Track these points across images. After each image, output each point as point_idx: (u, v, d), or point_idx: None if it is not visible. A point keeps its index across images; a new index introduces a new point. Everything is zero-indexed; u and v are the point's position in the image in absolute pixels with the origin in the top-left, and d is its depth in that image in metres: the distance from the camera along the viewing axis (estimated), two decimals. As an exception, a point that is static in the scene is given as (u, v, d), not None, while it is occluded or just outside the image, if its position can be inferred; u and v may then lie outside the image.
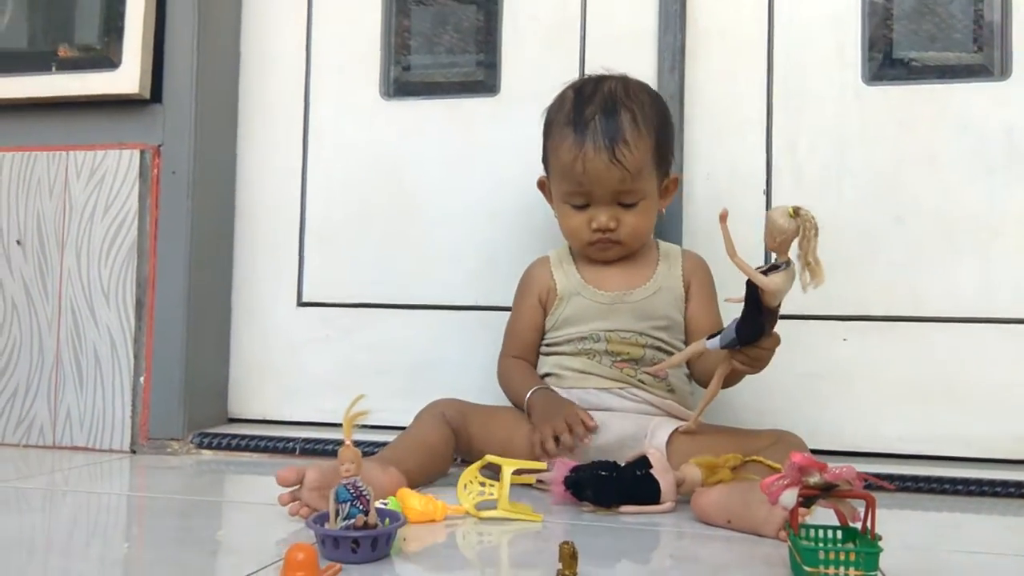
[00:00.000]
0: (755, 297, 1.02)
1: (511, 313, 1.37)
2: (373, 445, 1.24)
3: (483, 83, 1.56)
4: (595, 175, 1.24)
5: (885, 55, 1.43)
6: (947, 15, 1.41)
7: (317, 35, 1.61)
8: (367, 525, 0.85)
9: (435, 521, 1.01)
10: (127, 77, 1.48)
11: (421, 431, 1.22)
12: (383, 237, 1.56)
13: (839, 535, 0.84)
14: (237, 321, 1.62)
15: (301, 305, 1.60)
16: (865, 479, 0.82)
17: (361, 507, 0.86)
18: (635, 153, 1.23)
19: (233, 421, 1.60)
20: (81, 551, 0.93)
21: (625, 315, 1.28)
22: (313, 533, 0.86)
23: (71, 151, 1.52)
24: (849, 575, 0.77)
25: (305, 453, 1.44)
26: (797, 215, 0.97)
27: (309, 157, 1.60)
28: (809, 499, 0.82)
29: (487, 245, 1.52)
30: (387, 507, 0.95)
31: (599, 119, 1.24)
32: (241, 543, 0.96)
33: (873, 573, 0.78)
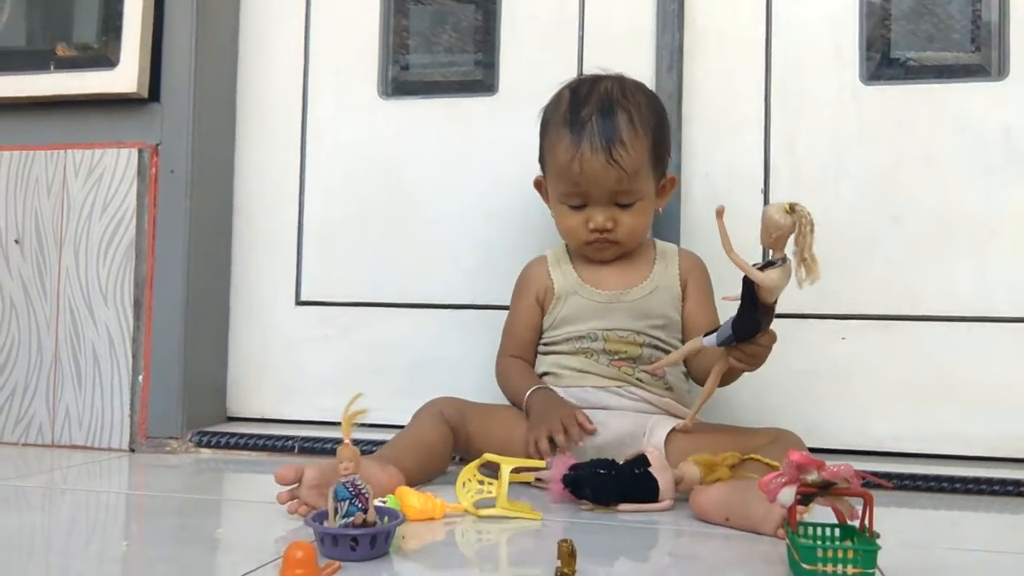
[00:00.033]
0: (752, 293, 1.03)
1: (509, 312, 1.37)
2: (372, 444, 1.24)
3: (481, 82, 1.56)
4: (592, 176, 1.24)
5: (883, 55, 1.43)
6: (945, 15, 1.42)
7: (315, 34, 1.61)
8: (366, 523, 0.85)
9: (434, 519, 1.01)
10: (125, 76, 1.47)
11: (420, 430, 1.22)
12: (381, 236, 1.57)
13: (837, 533, 0.85)
14: (236, 320, 1.62)
15: (300, 304, 1.60)
16: (863, 477, 0.83)
17: (360, 505, 0.86)
18: (632, 154, 1.23)
19: (232, 420, 1.60)
20: (80, 549, 0.94)
21: (622, 314, 1.28)
22: (312, 531, 0.87)
23: (69, 150, 1.52)
24: (847, 572, 0.78)
25: (304, 451, 1.44)
26: (793, 211, 0.97)
27: (307, 156, 1.61)
28: (807, 497, 0.83)
29: (485, 244, 1.52)
30: (386, 505, 0.95)
31: (596, 120, 1.24)
32: (240, 541, 0.96)
33: (871, 571, 0.78)
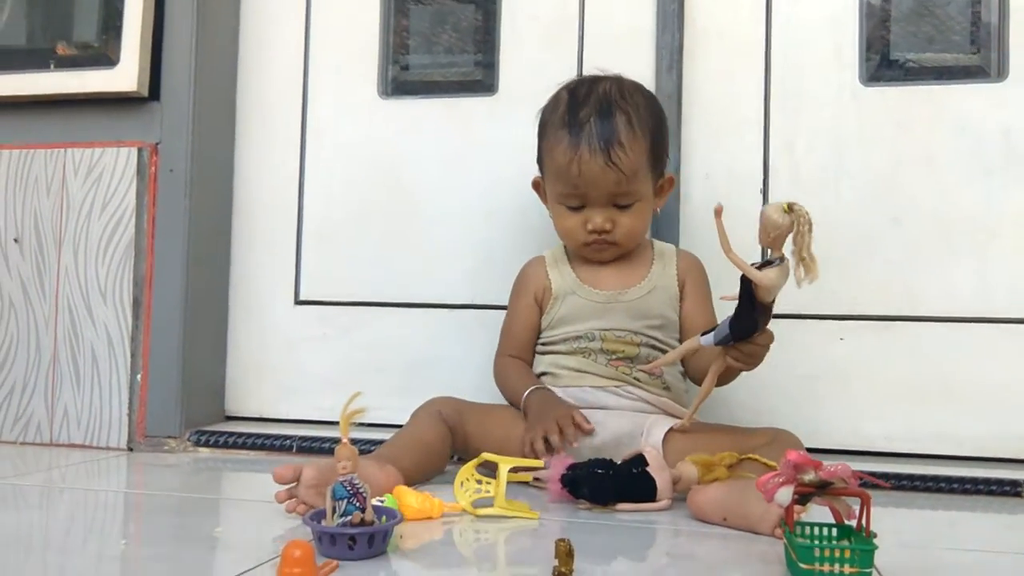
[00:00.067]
0: (750, 293, 1.03)
1: (507, 312, 1.37)
2: (370, 443, 1.24)
3: (481, 82, 1.56)
4: (590, 178, 1.24)
5: (883, 56, 1.43)
6: (945, 16, 1.42)
7: (315, 34, 1.61)
8: (364, 522, 0.85)
9: (432, 518, 1.01)
10: (125, 75, 1.47)
11: (418, 429, 1.22)
12: (381, 236, 1.57)
13: (834, 532, 0.85)
14: (234, 319, 1.62)
15: (299, 303, 1.60)
16: (860, 477, 0.83)
17: (358, 504, 0.86)
18: (630, 155, 1.23)
19: (230, 419, 1.60)
20: (79, 548, 0.93)
21: (620, 314, 1.28)
22: (310, 530, 0.87)
23: (69, 148, 1.52)
24: (844, 572, 0.78)
25: (302, 451, 1.44)
26: (791, 211, 0.97)
27: (307, 155, 1.61)
28: (804, 497, 0.83)
29: (484, 243, 1.52)
30: (384, 504, 0.95)
31: (594, 121, 1.24)
32: (238, 540, 0.96)
33: (868, 570, 0.78)
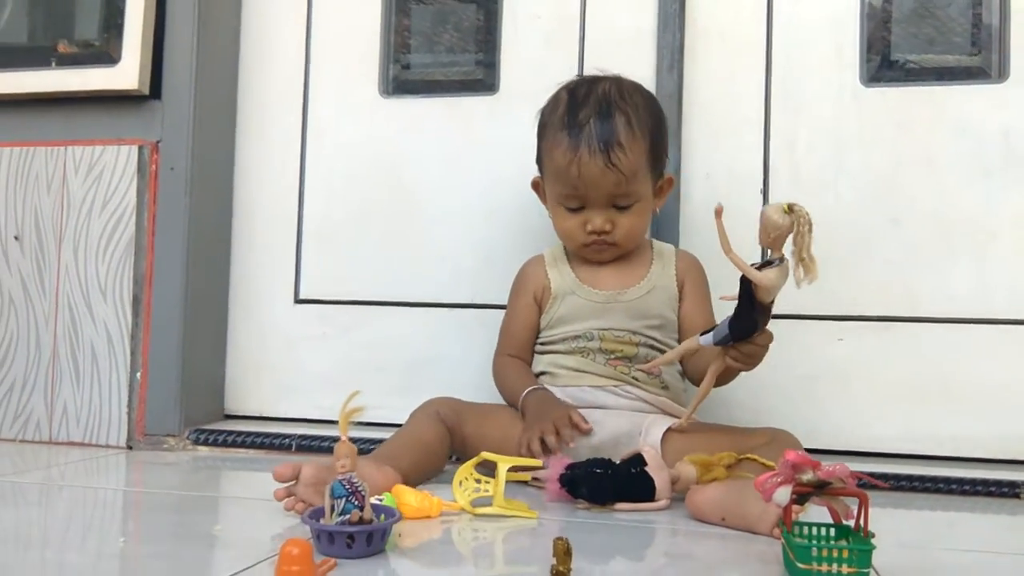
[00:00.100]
0: (749, 293, 1.03)
1: (506, 312, 1.37)
2: (369, 442, 1.24)
3: (482, 82, 1.56)
4: (590, 179, 1.24)
5: (883, 57, 1.43)
6: (946, 18, 1.42)
7: (317, 33, 1.62)
8: (362, 520, 0.85)
9: (430, 517, 1.01)
10: (126, 73, 1.48)
11: (416, 429, 1.22)
12: (381, 235, 1.57)
13: (832, 532, 0.85)
14: (234, 318, 1.62)
15: (298, 302, 1.60)
16: (858, 477, 0.83)
17: (356, 503, 0.86)
18: (630, 156, 1.23)
19: (229, 417, 1.60)
20: (77, 545, 0.94)
21: (619, 314, 1.28)
22: (308, 528, 0.87)
23: (70, 146, 1.52)
24: (842, 572, 0.78)
25: (301, 449, 1.44)
26: (791, 211, 0.97)
27: (308, 154, 1.61)
28: (802, 496, 0.83)
29: (484, 243, 1.52)
30: (383, 503, 0.95)
31: (594, 122, 1.23)
32: (237, 538, 0.96)
33: (866, 570, 0.78)
